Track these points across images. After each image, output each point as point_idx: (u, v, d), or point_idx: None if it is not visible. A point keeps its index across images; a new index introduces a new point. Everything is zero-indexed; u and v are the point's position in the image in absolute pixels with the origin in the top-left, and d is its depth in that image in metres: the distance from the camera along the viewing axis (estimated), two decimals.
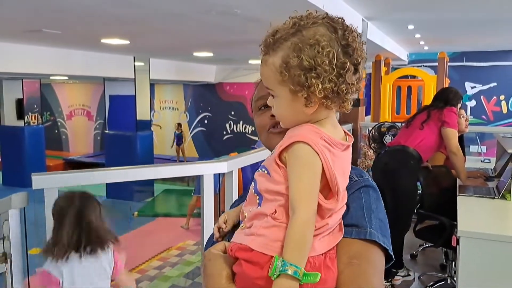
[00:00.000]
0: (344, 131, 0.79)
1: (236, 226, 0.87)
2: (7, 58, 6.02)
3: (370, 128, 4.60)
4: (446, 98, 3.29)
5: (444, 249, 3.45)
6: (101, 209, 1.73)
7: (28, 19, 4.08)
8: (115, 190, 7.93)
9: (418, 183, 3.28)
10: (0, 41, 5.64)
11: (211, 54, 7.34)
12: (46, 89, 12.16)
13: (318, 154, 0.70)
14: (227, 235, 0.87)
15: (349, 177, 0.81)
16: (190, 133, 11.51)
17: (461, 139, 3.65)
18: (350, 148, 0.78)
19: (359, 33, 0.72)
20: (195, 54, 7.20)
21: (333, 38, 0.69)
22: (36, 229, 1.98)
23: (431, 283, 3.28)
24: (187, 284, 4.15)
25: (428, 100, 6.99)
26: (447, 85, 7.51)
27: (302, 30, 0.70)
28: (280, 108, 0.74)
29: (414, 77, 7.40)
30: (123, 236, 5.80)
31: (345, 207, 0.78)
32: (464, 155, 3.69)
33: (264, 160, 0.80)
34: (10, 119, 9.39)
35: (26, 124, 9.26)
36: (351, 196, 0.81)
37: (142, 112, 8.19)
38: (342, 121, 4.81)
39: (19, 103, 9.30)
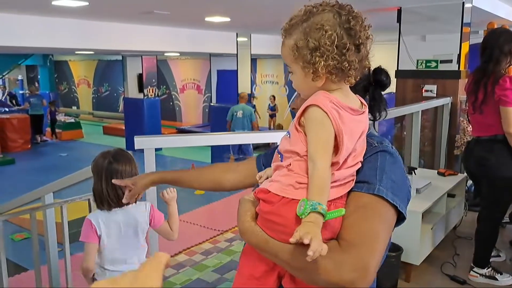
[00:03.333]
0: (360, 101, 0.91)
1: None
2: (129, 38, 6.80)
3: None
4: (500, 46, 2.70)
5: None
6: (134, 167, 1.87)
7: (141, 2, 4.60)
8: (218, 158, 8.60)
9: None
10: (121, 22, 6.41)
11: None
12: (162, 65, 13.28)
13: (326, 113, 0.82)
14: None
15: (369, 143, 0.94)
16: (289, 106, 11.72)
17: None
18: (364, 115, 0.90)
19: (363, 18, 0.85)
20: None
21: (337, 22, 0.82)
22: None
23: None
24: None
25: None
26: None
27: (311, 17, 0.84)
28: (296, 82, 0.90)
29: None
30: (224, 199, 6.34)
31: (358, 165, 0.89)
32: None
33: None
34: (133, 92, 10.52)
35: (145, 97, 10.32)
36: (368, 158, 0.92)
37: (243, 85, 8.63)
38: (440, 94, 4.59)
39: (140, 77, 10.34)
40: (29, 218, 2.57)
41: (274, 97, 11.52)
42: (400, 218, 0.91)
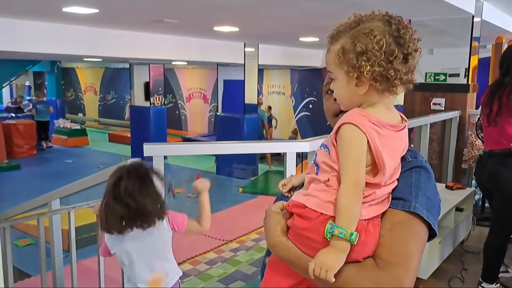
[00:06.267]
0: (401, 116, 0.89)
1: (295, 188, 1.05)
2: (138, 46, 6.82)
3: (479, 116, 4.29)
4: None
5: None
6: (149, 183, 1.64)
7: (151, 10, 4.62)
8: (224, 168, 8.60)
9: None
10: (130, 30, 6.45)
11: (317, 39, 7.41)
12: (169, 74, 13.32)
13: (365, 133, 0.80)
14: (291, 193, 1.03)
15: (404, 158, 0.91)
16: (295, 117, 11.69)
17: None
18: (404, 131, 0.88)
19: (414, 30, 0.83)
20: (301, 39, 7.33)
21: (386, 30, 0.81)
22: None
23: None
24: None
25: None
26: None
27: (360, 24, 0.83)
28: (338, 90, 0.87)
29: None
30: (229, 209, 6.33)
31: (395, 183, 0.87)
32: None
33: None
34: (139, 100, 10.54)
35: (151, 105, 10.34)
36: (402, 174, 0.89)
37: (250, 96, 8.64)
38: (448, 108, 4.58)
39: (147, 86, 10.37)
40: (35, 224, 2.56)
41: (270, 107, 11.57)
42: (431, 234, 0.90)
